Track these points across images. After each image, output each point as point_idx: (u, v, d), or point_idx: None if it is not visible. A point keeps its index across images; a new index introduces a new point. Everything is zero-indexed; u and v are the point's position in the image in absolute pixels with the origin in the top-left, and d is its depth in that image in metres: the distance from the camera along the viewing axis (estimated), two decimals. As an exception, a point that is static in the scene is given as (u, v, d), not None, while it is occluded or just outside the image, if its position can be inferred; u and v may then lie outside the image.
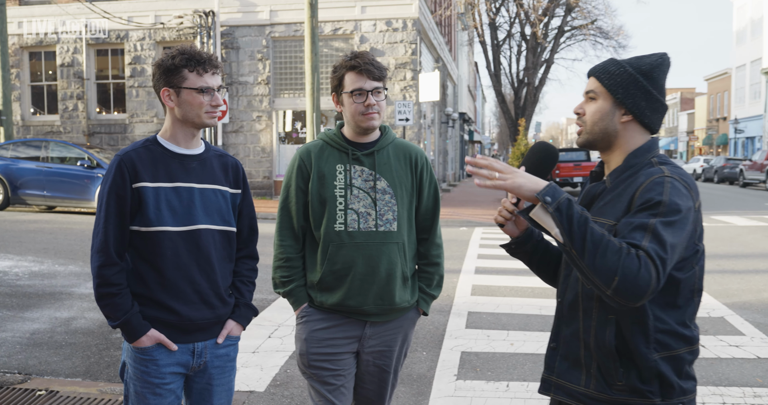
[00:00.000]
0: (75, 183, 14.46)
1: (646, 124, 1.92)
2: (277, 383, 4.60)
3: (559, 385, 1.96)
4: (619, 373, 1.83)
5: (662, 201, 1.73)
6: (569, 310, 1.96)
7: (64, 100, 20.92)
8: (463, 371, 4.90)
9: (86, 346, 5.37)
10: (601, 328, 1.85)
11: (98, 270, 2.30)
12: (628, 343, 1.82)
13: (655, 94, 1.90)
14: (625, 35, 31.09)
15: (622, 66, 1.90)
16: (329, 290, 2.65)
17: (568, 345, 1.95)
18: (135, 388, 2.37)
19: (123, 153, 2.36)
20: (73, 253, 9.51)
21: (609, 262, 1.63)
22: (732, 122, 46.01)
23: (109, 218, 2.31)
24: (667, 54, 1.94)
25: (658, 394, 1.83)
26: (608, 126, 1.92)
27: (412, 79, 19.08)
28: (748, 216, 17.16)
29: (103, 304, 2.33)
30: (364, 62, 2.59)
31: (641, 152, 1.91)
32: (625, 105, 1.89)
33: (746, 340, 5.73)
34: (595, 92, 1.93)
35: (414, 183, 2.73)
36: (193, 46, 2.41)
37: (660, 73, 1.91)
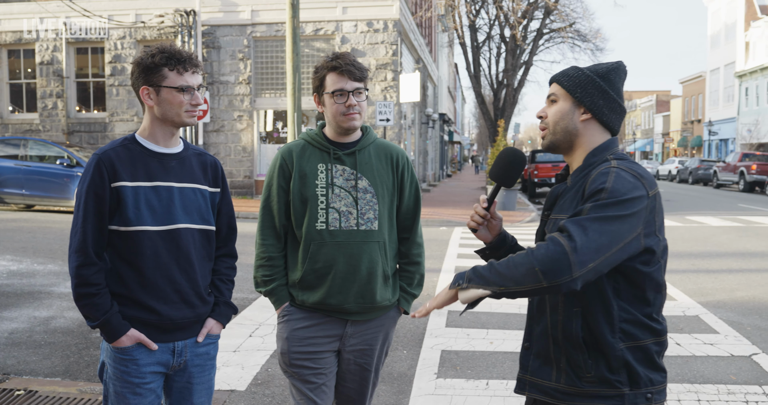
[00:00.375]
0: (54, 182, 14.28)
1: (606, 123, 1.98)
2: (258, 382, 4.57)
3: (532, 382, 1.99)
4: (587, 365, 1.87)
5: (605, 188, 1.79)
6: (538, 309, 2.01)
7: (43, 98, 20.66)
8: (443, 370, 4.90)
9: (65, 345, 5.31)
10: (568, 321, 1.90)
11: (76, 270, 2.27)
12: (595, 333, 1.87)
13: (612, 94, 1.97)
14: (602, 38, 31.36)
15: (580, 70, 1.99)
16: (310, 289, 2.64)
17: (540, 343, 1.99)
18: (115, 388, 2.34)
19: (101, 152, 2.32)
20: (52, 252, 9.38)
21: (523, 265, 1.73)
22: (706, 124, 46.59)
23: (87, 218, 2.27)
24: (623, 62, 2.03)
25: (627, 384, 1.86)
26: (569, 125, 1.98)
27: (392, 80, 19.08)
28: (722, 216, 17.38)
29: (82, 305, 2.29)
30: (345, 63, 2.59)
31: (599, 151, 1.96)
32: (583, 103, 1.96)
33: (720, 339, 5.80)
34: (556, 95, 2.01)
35: (395, 182, 2.73)
36: (172, 45, 2.38)
37: (616, 76, 1.98)
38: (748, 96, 42.58)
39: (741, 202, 23.09)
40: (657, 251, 1.88)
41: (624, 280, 1.86)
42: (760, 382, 4.73)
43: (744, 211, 19.13)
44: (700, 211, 18.89)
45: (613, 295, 1.86)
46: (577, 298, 1.89)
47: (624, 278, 1.86)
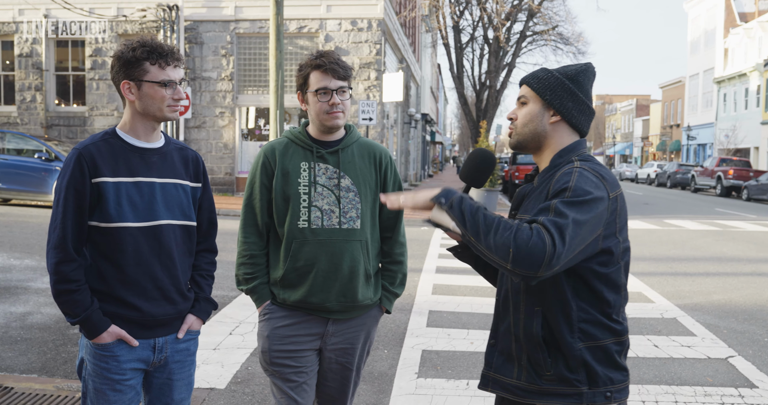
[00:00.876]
0: (32, 176, 14.08)
1: (575, 125, 2.00)
2: (238, 380, 4.54)
3: (495, 379, 2.02)
4: (547, 363, 1.89)
5: (568, 187, 1.81)
6: (502, 307, 2.04)
7: (21, 90, 20.37)
8: (424, 369, 4.90)
9: (42, 341, 5.23)
10: (529, 320, 1.92)
11: (55, 266, 2.23)
12: (554, 332, 1.89)
13: (581, 96, 1.98)
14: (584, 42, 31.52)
15: (549, 72, 2.01)
16: (292, 287, 2.63)
17: (504, 340, 2.01)
18: (94, 385, 2.31)
19: (82, 146, 2.28)
20: (29, 247, 9.26)
21: (503, 237, 1.70)
22: (685, 129, 47.13)
23: (66, 213, 2.24)
24: (592, 64, 2.05)
25: (585, 383, 1.89)
26: (537, 127, 2.00)
27: (376, 79, 19.07)
28: (699, 220, 17.58)
29: (62, 301, 2.26)
30: (329, 61, 2.58)
31: (566, 152, 1.98)
32: (553, 106, 1.97)
33: (697, 341, 5.86)
34: (526, 97, 2.03)
35: (378, 181, 2.72)
36: (153, 38, 2.34)
37: (585, 78, 2.00)
38: (726, 102, 43.14)
39: (718, 207, 23.38)
40: (616, 253, 1.89)
41: (582, 282, 1.88)
42: (736, 384, 4.78)
43: (721, 216, 19.37)
44: (678, 215, 19.09)
45: (572, 295, 1.88)
46: (538, 298, 1.91)
47: (582, 279, 1.88)
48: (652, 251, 11.45)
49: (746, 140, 39.43)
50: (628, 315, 6.64)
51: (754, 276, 9.32)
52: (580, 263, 1.83)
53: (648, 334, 6.01)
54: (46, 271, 7.62)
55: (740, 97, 41.15)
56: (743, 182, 29.27)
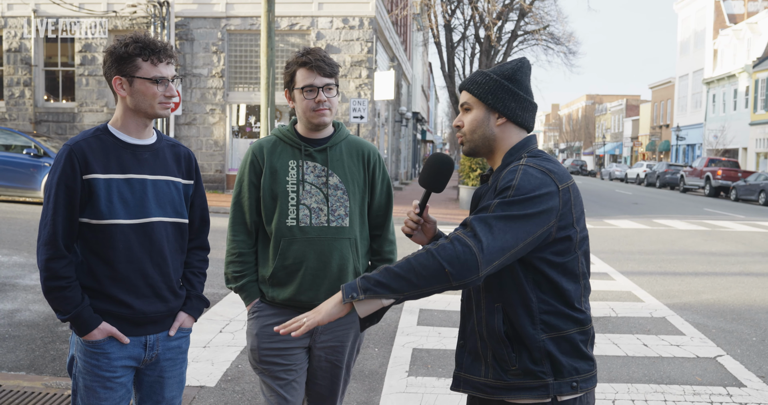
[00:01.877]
0: (20, 172, 13.98)
1: (520, 124, 2.02)
2: (228, 378, 4.53)
3: (466, 379, 2.02)
4: (511, 358, 1.90)
5: (511, 185, 1.83)
6: (466, 306, 2.06)
7: (10, 86, 20.22)
8: (414, 367, 4.91)
9: (31, 339, 5.20)
10: (490, 317, 1.94)
11: (46, 263, 2.22)
12: (516, 326, 1.90)
13: (521, 94, 2.00)
14: (575, 42, 31.59)
15: (487, 75, 2.01)
16: (281, 285, 2.62)
17: (470, 339, 2.03)
18: (85, 382, 2.30)
19: (73, 143, 2.27)
20: (17, 244, 9.19)
21: (430, 267, 1.73)
22: (674, 129, 47.37)
23: (57, 210, 2.22)
24: (526, 59, 2.06)
25: (550, 374, 1.90)
26: (485, 131, 2.01)
27: (367, 77, 19.06)
28: (688, 220, 17.68)
29: (52, 298, 2.24)
30: (315, 59, 2.58)
31: (515, 150, 2.00)
32: (496, 109, 1.99)
33: (686, 340, 5.89)
34: (469, 103, 2.03)
35: (366, 179, 2.72)
36: (146, 34, 2.33)
37: (522, 75, 2.01)
38: (715, 103, 43.40)
39: (706, 207, 23.52)
40: (574, 241, 1.91)
41: (540, 273, 1.89)
42: (725, 383, 4.81)
43: (709, 216, 19.49)
44: (667, 215, 19.20)
45: (531, 288, 1.90)
46: (498, 294, 1.93)
47: (539, 271, 1.89)
48: (641, 251, 11.51)
49: (735, 141, 39.70)
50: (618, 314, 6.69)
51: (743, 276, 9.38)
52: (534, 254, 1.86)
53: (637, 333, 6.04)
54: (34, 268, 7.57)
55: (729, 98, 41.41)
56: (732, 182, 29.47)
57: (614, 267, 9.65)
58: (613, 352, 5.45)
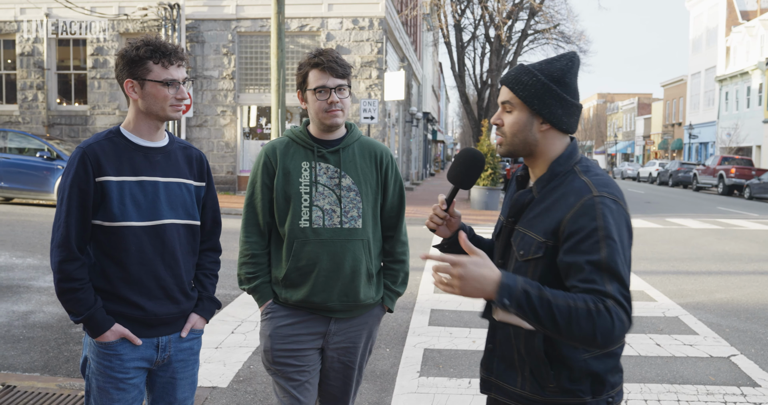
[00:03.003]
0: (34, 174, 14.10)
1: (565, 130, 1.91)
2: (241, 379, 4.54)
3: (498, 385, 1.98)
4: (550, 376, 1.85)
5: (597, 227, 1.73)
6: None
7: (23, 89, 20.39)
8: (426, 368, 4.91)
9: (45, 340, 5.24)
10: (530, 335, 1.86)
11: (59, 265, 2.24)
12: (557, 347, 1.84)
13: (569, 99, 1.88)
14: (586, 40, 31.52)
15: (534, 75, 1.87)
16: (294, 286, 2.63)
17: (503, 347, 1.97)
18: (98, 383, 2.32)
19: (86, 145, 2.29)
20: (31, 246, 9.27)
21: (585, 330, 1.64)
22: (687, 128, 47.09)
23: (70, 212, 2.24)
24: (575, 53, 1.94)
25: (589, 392, 1.86)
26: (527, 136, 1.90)
27: (377, 78, 19.07)
28: (701, 219, 17.57)
29: (66, 300, 2.26)
30: (327, 60, 2.58)
31: (564, 160, 1.91)
32: (542, 115, 1.87)
33: (699, 340, 5.86)
34: (512, 104, 1.91)
35: (379, 180, 2.72)
36: (158, 37, 2.35)
37: (572, 77, 1.89)
38: (728, 100, 43.09)
39: (720, 205, 23.36)
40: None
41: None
42: (738, 383, 4.78)
43: (723, 214, 19.36)
44: (679, 214, 19.08)
45: None
46: None
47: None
48: (654, 250, 11.45)
49: (748, 139, 39.40)
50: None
51: (757, 275, 9.31)
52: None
53: (650, 333, 6.01)
54: (48, 270, 7.63)
55: (742, 95, 41.10)
56: (745, 181, 29.25)
57: (627, 266, 9.59)
58: (626, 351, 5.43)
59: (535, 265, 1.84)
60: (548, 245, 1.81)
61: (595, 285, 1.69)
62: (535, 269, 1.84)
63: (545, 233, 1.82)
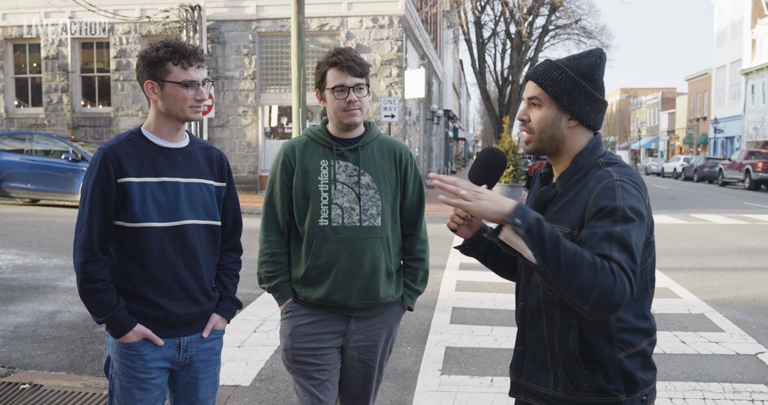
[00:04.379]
0: (59, 176, 14.31)
1: (591, 126, 1.92)
2: (263, 378, 4.57)
3: (528, 388, 1.97)
4: (585, 376, 1.84)
5: (617, 207, 1.72)
6: (533, 316, 1.96)
7: (48, 92, 20.68)
8: (447, 366, 4.90)
9: (70, 339, 5.31)
10: (565, 333, 1.85)
11: (82, 266, 2.26)
12: (592, 346, 1.83)
13: (597, 96, 1.89)
14: (608, 35, 31.18)
15: (563, 71, 1.87)
16: (313, 285, 2.64)
17: (535, 348, 1.95)
18: (120, 383, 2.34)
19: (107, 146, 2.31)
20: (57, 247, 9.40)
21: (585, 279, 1.61)
22: (712, 122, 46.43)
23: (93, 213, 2.26)
24: (602, 50, 1.93)
25: (623, 391, 1.85)
26: (555, 132, 1.90)
27: (397, 76, 19.05)
28: (727, 214, 17.32)
29: (88, 300, 2.28)
30: (345, 59, 2.58)
31: (587, 153, 1.90)
32: (570, 111, 1.87)
33: (726, 337, 5.78)
34: (540, 99, 1.90)
35: (398, 178, 2.72)
36: (178, 38, 2.36)
37: (600, 74, 1.90)
38: (754, 94, 42.41)
39: (746, 200, 23.01)
40: (650, 248, 1.86)
41: None
42: (766, 380, 4.71)
43: (749, 210, 19.07)
44: (705, 209, 18.83)
45: None
46: (574, 310, 1.83)
47: None
48: (678, 246, 11.32)
49: (775, 132, 38.75)
50: (655, 311, 6.59)
51: (784, 271, 9.16)
52: None
53: (675, 330, 5.94)
54: (73, 270, 7.74)
55: (769, 88, 40.44)
56: (772, 175, 28.76)
57: (651, 263, 9.49)
58: (651, 349, 5.37)
59: None
60: (574, 236, 1.79)
61: (603, 251, 1.67)
62: None
63: (572, 224, 1.81)
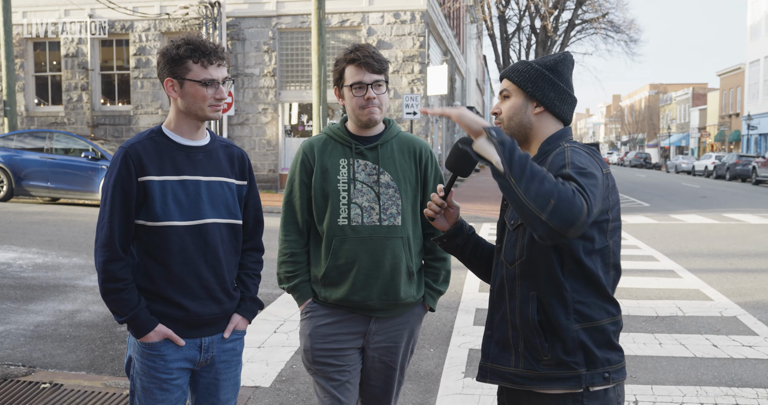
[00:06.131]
0: (79, 175, 14.49)
1: (558, 115, 2.06)
2: (283, 379, 4.60)
3: (493, 369, 2.05)
4: (544, 348, 1.93)
5: (566, 162, 1.87)
6: (497, 295, 2.07)
7: (68, 90, 20.96)
8: (471, 369, 4.89)
9: (90, 339, 5.39)
10: (525, 305, 1.96)
11: (103, 265, 2.29)
12: (550, 316, 1.93)
13: (562, 85, 2.05)
14: (636, 29, 30.89)
15: (528, 64, 2.07)
16: (333, 285, 2.65)
17: (499, 329, 2.05)
18: (142, 384, 2.37)
19: (128, 145, 2.34)
20: (77, 246, 9.53)
21: (546, 187, 1.70)
22: (745, 118, 45.76)
23: (114, 212, 2.29)
24: (569, 53, 2.12)
25: (583, 365, 1.93)
26: (522, 119, 2.06)
27: (419, 73, 19.03)
28: (761, 214, 17.08)
29: (110, 300, 2.32)
30: (363, 55, 2.59)
31: (553, 140, 2.05)
32: (535, 97, 2.04)
33: (759, 341, 5.70)
34: (508, 90, 2.09)
35: (418, 177, 2.73)
36: (199, 36, 2.38)
37: (564, 67, 2.07)
38: (789, 89, 41.72)
39: (781, 199, 22.66)
40: (606, 228, 1.94)
41: (575, 262, 1.92)
42: (801, 386, 4.64)
43: (784, 209, 18.77)
44: (737, 209, 18.58)
45: (565, 277, 1.92)
46: (533, 282, 1.95)
47: (575, 259, 1.92)
48: (710, 247, 11.18)
49: (811, 129, 38.10)
50: (685, 313, 6.52)
51: (821, 272, 9.02)
52: (571, 241, 1.88)
53: (706, 334, 5.88)
54: (93, 270, 7.84)
55: (805, 83, 39.76)
56: (808, 173, 28.29)
57: (681, 264, 9.40)
58: (681, 353, 5.32)
59: (524, 229, 1.95)
60: None
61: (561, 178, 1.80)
62: (524, 232, 1.95)
63: None
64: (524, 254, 1.96)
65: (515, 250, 1.99)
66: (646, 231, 13.25)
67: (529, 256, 1.95)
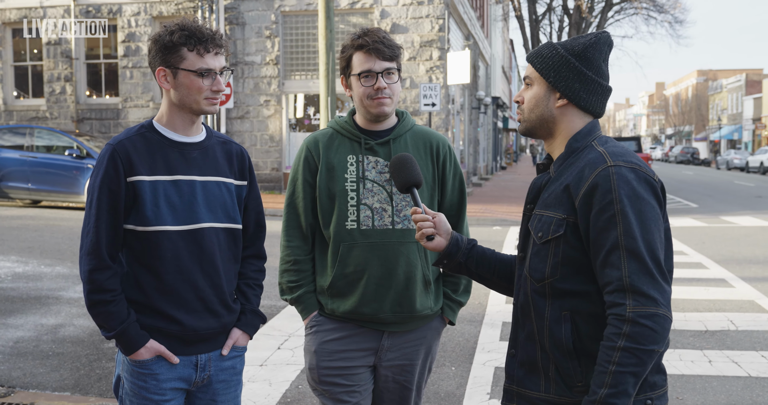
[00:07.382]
0: (63, 175, 14.60)
1: (585, 108, 2.01)
2: (288, 400, 4.62)
3: (520, 393, 2.03)
4: (578, 373, 1.89)
5: (612, 199, 1.82)
6: (522, 312, 2.04)
7: (50, 82, 21.13)
8: (497, 389, 4.89)
9: (75, 356, 5.44)
10: (556, 326, 1.92)
11: (89, 275, 2.29)
12: (584, 338, 1.89)
13: (590, 75, 1.99)
14: (682, 9, 30.77)
15: (554, 48, 2.01)
16: (341, 296, 2.65)
17: (525, 349, 2.02)
18: (131, 405, 2.38)
19: (116, 142, 2.34)
20: (60, 253, 9.61)
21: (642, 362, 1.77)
22: (806, 108, 45.34)
23: (100, 216, 2.29)
24: (606, 33, 2.04)
25: None
26: (544, 112, 2.03)
27: (439, 59, 19.02)
28: (823, 215, 16.92)
29: (96, 313, 2.32)
30: (372, 41, 2.58)
31: (581, 136, 2.01)
32: (558, 88, 2.00)
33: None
34: (530, 78, 2.05)
35: (436, 175, 2.72)
36: (194, 20, 2.38)
37: (595, 53, 1.99)
38: None
39: None
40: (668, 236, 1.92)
41: None
42: None
43: None
44: (797, 210, 18.41)
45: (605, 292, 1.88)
46: (566, 300, 1.92)
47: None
48: (766, 253, 11.10)
49: None
50: (738, 327, 6.49)
51: None
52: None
53: (762, 350, 5.84)
54: (78, 279, 7.90)
55: None
56: None
57: (733, 272, 9.34)
58: (733, 372, 5.29)
59: (556, 244, 1.90)
60: (569, 222, 1.88)
61: (613, 297, 1.81)
62: (556, 249, 1.91)
63: (566, 210, 1.90)
64: (557, 273, 1.92)
65: (545, 267, 1.94)
66: (694, 235, 13.18)
67: (563, 276, 1.91)
